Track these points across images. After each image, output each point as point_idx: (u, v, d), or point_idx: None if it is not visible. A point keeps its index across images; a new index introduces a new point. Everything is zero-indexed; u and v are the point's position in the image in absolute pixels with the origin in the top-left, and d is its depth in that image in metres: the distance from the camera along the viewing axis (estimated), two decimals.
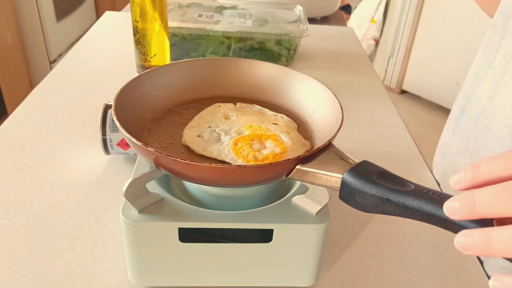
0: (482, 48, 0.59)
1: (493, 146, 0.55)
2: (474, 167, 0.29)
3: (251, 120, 0.48)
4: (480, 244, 0.27)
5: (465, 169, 0.29)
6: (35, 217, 0.53)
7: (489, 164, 0.28)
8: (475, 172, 0.28)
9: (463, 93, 0.63)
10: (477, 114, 0.59)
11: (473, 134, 0.59)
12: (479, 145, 0.58)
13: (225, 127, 0.47)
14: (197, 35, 0.91)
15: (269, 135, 0.45)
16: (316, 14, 1.32)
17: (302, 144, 0.46)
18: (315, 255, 0.44)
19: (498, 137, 0.54)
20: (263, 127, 0.47)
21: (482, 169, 0.28)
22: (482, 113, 0.58)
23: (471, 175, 0.29)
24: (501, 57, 0.54)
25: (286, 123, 0.49)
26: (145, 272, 0.43)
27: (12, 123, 0.70)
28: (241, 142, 0.44)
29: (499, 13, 0.55)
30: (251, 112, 0.50)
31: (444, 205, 0.29)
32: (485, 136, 0.57)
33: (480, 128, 0.58)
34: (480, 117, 0.58)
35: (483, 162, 0.28)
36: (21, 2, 2.04)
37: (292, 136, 0.46)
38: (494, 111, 0.55)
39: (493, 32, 0.56)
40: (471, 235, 0.27)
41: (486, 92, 0.57)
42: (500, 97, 0.54)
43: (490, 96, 0.56)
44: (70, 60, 0.92)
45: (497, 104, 0.55)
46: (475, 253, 0.27)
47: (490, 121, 0.56)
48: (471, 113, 0.60)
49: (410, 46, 2.59)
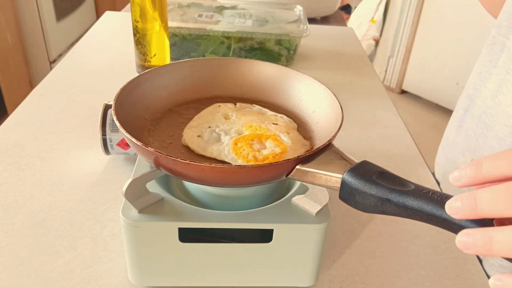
0: (486, 48, 0.59)
1: (493, 145, 0.55)
2: (475, 164, 0.28)
3: (251, 120, 0.48)
4: (481, 244, 0.27)
5: (466, 165, 0.29)
6: (35, 217, 0.53)
7: (491, 162, 0.28)
8: (476, 170, 0.28)
9: (467, 92, 0.63)
10: (480, 113, 0.59)
11: (476, 133, 0.60)
12: (480, 144, 0.58)
13: (225, 127, 0.47)
14: (197, 35, 0.91)
15: (269, 135, 0.45)
16: (316, 14, 1.32)
17: (302, 144, 0.46)
18: (315, 255, 0.44)
19: (499, 136, 0.54)
20: (263, 127, 0.47)
21: (484, 167, 0.28)
22: (485, 112, 0.58)
23: (472, 172, 0.29)
24: (506, 56, 0.55)
25: (286, 123, 0.49)
26: (145, 272, 0.43)
27: (12, 123, 0.70)
28: (241, 142, 0.44)
29: (504, 13, 0.55)
30: (251, 112, 0.50)
31: (446, 204, 0.29)
32: (486, 135, 0.57)
33: (482, 127, 0.58)
34: (482, 116, 0.58)
35: (484, 160, 0.28)
36: (21, 2, 2.04)
37: (292, 136, 0.46)
38: (496, 110, 0.55)
39: (498, 32, 0.57)
40: (472, 235, 0.28)
41: (490, 92, 0.57)
42: (502, 96, 0.54)
43: (494, 95, 0.56)
44: (70, 60, 0.92)
45: (499, 104, 0.55)
46: (476, 252, 0.27)
47: (492, 120, 0.56)
48: (475, 112, 0.60)
49: (410, 46, 2.59)
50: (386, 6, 2.74)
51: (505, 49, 0.55)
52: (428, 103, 2.62)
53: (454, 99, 0.69)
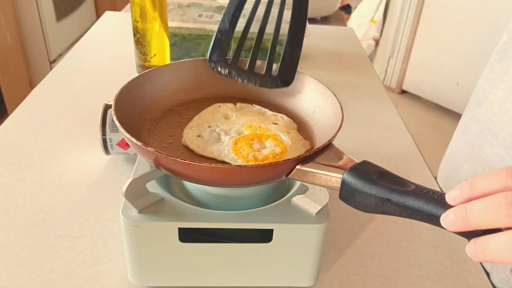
0: (499, 54, 0.58)
1: (502, 155, 0.54)
2: (469, 184, 0.30)
3: (251, 120, 0.48)
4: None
5: (460, 185, 0.30)
6: (35, 217, 0.53)
7: (483, 181, 0.29)
8: (470, 190, 0.30)
9: (476, 98, 0.62)
10: (486, 119, 0.58)
11: (479, 139, 0.59)
12: (485, 151, 0.57)
13: (225, 127, 0.47)
14: (197, 35, 0.91)
15: (269, 135, 0.45)
16: (316, 14, 1.32)
17: (302, 144, 0.46)
18: (315, 255, 0.44)
19: (508, 145, 0.53)
20: (263, 127, 0.47)
21: (477, 186, 0.29)
22: (491, 119, 0.57)
23: (466, 192, 0.30)
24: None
25: (286, 123, 0.49)
26: (145, 272, 0.43)
27: (12, 123, 0.70)
28: (241, 142, 0.44)
29: None
30: (251, 112, 0.50)
31: (441, 217, 0.30)
32: (491, 143, 0.56)
33: (486, 133, 0.57)
34: (488, 123, 0.57)
35: (477, 180, 0.30)
36: (21, 2, 2.04)
37: (292, 136, 0.46)
38: (503, 118, 0.54)
39: (510, 37, 0.55)
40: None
41: (498, 98, 0.56)
42: (511, 103, 0.53)
43: (502, 102, 0.55)
44: (70, 60, 0.92)
45: (507, 111, 0.54)
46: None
47: (498, 128, 0.55)
48: (480, 118, 0.60)
49: (410, 46, 2.59)
50: (386, 6, 2.73)
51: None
52: (428, 103, 2.61)
53: (454, 99, 0.69)
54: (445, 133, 0.71)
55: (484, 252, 0.28)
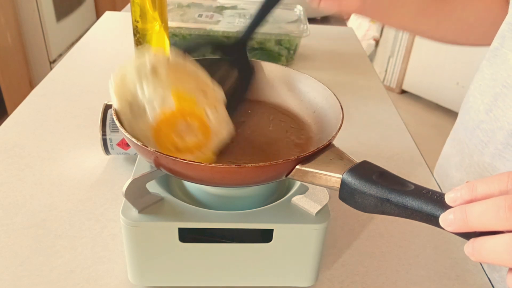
0: (489, 60, 0.56)
1: (496, 165, 0.53)
2: (470, 187, 0.30)
3: (181, 81, 0.43)
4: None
5: (461, 187, 0.30)
6: (35, 217, 0.53)
7: (485, 185, 0.29)
8: (471, 193, 0.30)
9: (467, 104, 0.61)
10: (474, 127, 0.57)
11: (468, 148, 0.58)
12: (475, 161, 0.56)
13: (150, 89, 0.41)
14: (197, 35, 0.91)
15: (195, 114, 0.42)
16: (316, 14, 1.32)
17: (226, 124, 0.44)
18: (315, 255, 0.44)
19: (501, 155, 0.52)
20: (191, 97, 0.42)
21: (478, 190, 0.30)
22: (479, 127, 0.56)
23: (467, 194, 0.30)
24: (503, 69, 0.52)
25: (215, 93, 0.45)
26: (145, 272, 0.43)
27: (12, 123, 0.70)
28: (165, 127, 0.41)
29: (508, 24, 0.53)
30: (183, 70, 0.45)
31: (440, 217, 0.31)
32: (481, 152, 0.55)
33: (475, 142, 0.56)
34: (476, 131, 0.56)
35: (479, 183, 0.30)
36: (21, 2, 2.04)
37: (219, 112, 0.43)
38: (492, 126, 0.53)
39: (501, 44, 0.54)
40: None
41: (484, 105, 0.55)
42: (499, 111, 0.52)
43: (488, 109, 0.54)
44: (70, 60, 0.92)
45: (495, 119, 0.53)
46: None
47: (487, 136, 0.54)
48: (468, 126, 0.59)
49: (410, 46, 2.59)
50: None
51: (506, 61, 0.52)
52: (428, 103, 2.62)
53: (454, 99, 0.69)
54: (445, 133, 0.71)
55: (480, 252, 0.29)
